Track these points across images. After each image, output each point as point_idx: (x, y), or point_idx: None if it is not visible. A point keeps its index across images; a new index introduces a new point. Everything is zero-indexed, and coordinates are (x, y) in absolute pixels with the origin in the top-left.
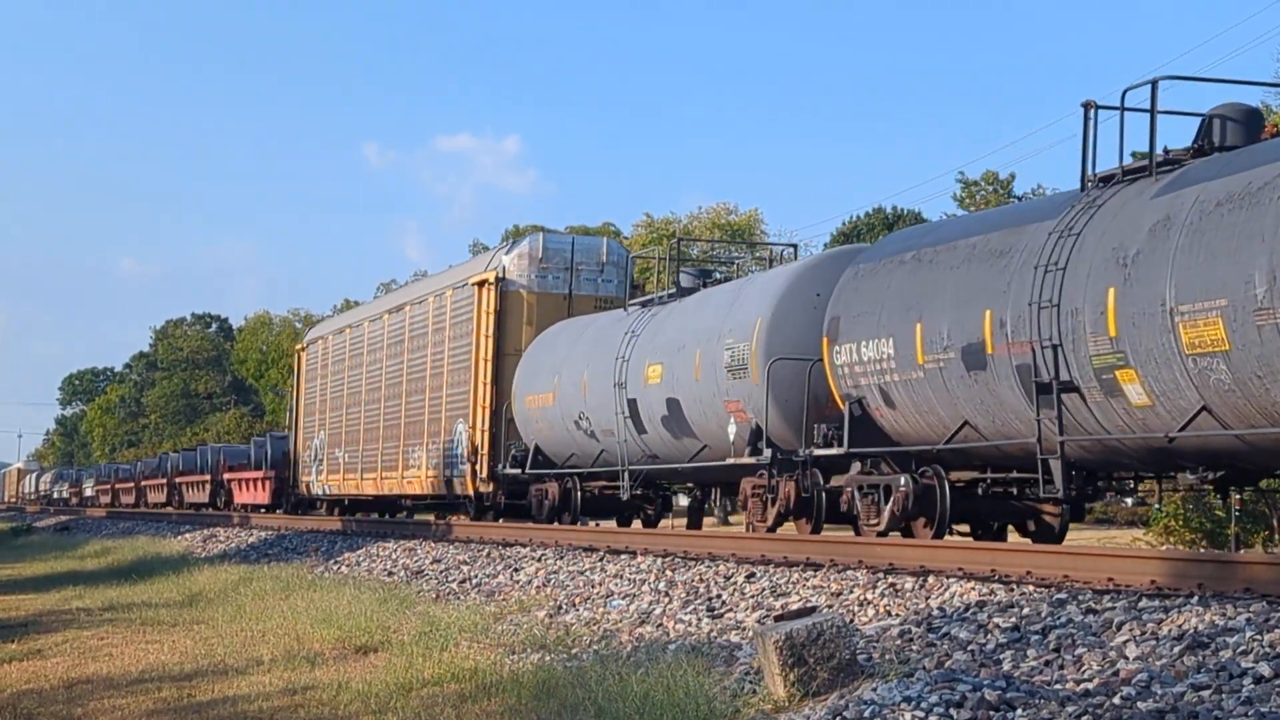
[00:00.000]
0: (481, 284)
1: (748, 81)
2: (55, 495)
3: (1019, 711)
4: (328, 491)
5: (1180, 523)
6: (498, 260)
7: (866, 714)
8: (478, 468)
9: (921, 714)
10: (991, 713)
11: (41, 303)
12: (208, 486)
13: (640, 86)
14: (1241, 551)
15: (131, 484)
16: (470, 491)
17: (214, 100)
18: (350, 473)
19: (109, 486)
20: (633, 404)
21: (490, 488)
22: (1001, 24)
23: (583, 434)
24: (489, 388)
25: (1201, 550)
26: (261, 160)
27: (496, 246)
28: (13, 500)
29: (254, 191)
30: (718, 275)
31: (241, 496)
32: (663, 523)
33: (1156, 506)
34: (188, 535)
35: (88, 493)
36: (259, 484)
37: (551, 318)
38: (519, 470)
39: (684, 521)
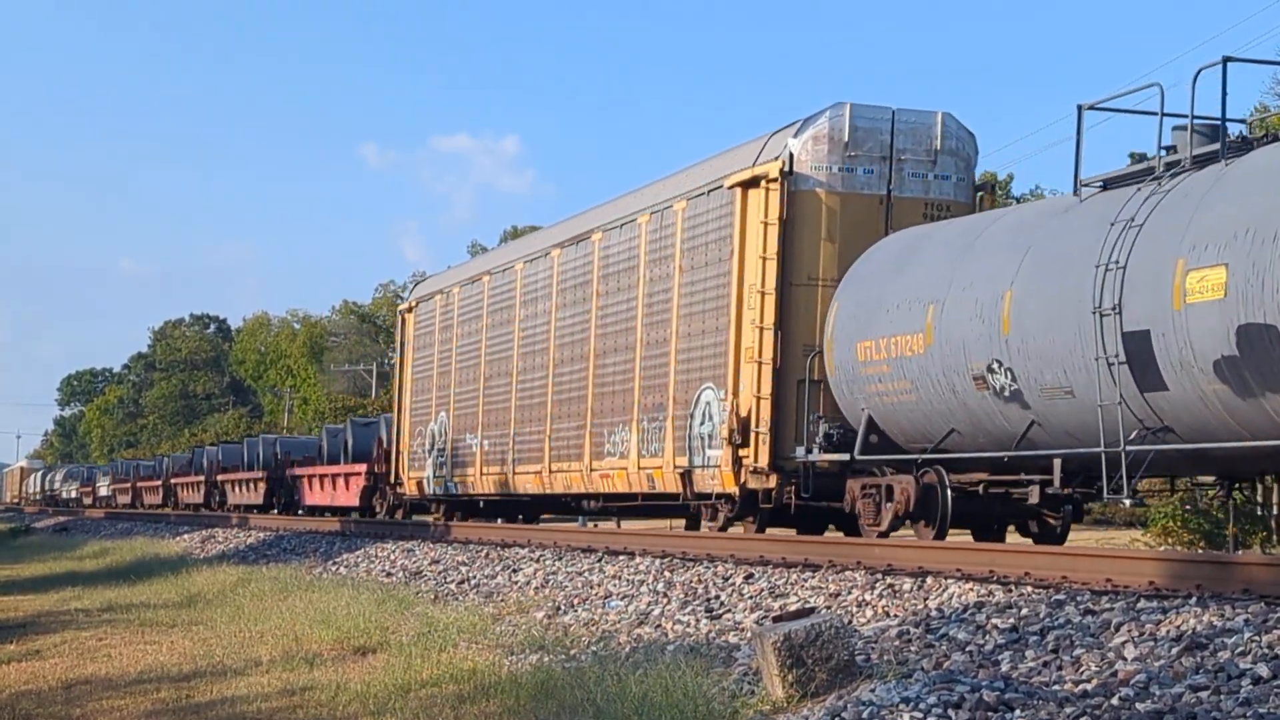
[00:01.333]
0: (750, 184)
1: (747, 81)
2: (65, 495)
3: (1017, 712)
4: (452, 490)
5: (1178, 524)
6: (780, 146)
7: (865, 715)
8: (746, 453)
9: (920, 715)
10: (990, 713)
11: (40, 303)
12: (261, 485)
13: (640, 86)
14: (1240, 552)
15: (158, 481)
16: (729, 487)
17: (212, 100)
18: (494, 465)
19: (129, 485)
20: (1139, 340)
21: (771, 482)
22: (1001, 23)
23: (992, 397)
24: (768, 335)
25: (1199, 551)
26: (260, 161)
27: (779, 129)
28: (15, 500)
29: (253, 192)
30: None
31: (313, 498)
32: (661, 524)
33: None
34: (186, 536)
35: (103, 492)
36: (343, 481)
37: (860, 233)
38: (845, 455)
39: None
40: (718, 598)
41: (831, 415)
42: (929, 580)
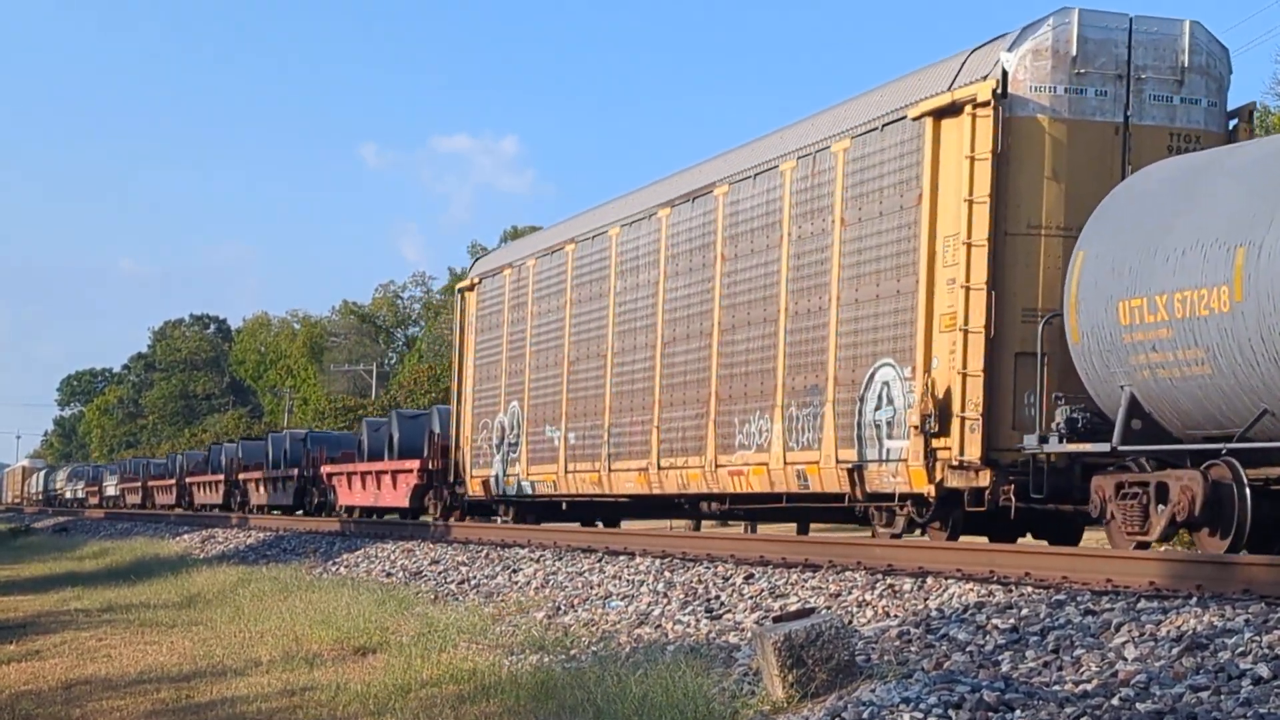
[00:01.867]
0: (946, 112)
1: (746, 81)
2: (69, 496)
3: (1017, 713)
4: (527, 490)
5: None
6: (988, 63)
7: (865, 715)
8: (945, 443)
9: (920, 715)
10: (990, 714)
11: (40, 303)
12: (290, 484)
13: (639, 86)
14: (1240, 553)
15: (170, 481)
16: (920, 486)
17: (212, 101)
18: (582, 462)
19: (139, 484)
20: None
21: (982, 479)
22: (999, 23)
23: None
24: (977, 296)
25: (1200, 551)
26: (260, 161)
27: (984, 43)
28: (16, 501)
29: (252, 192)
30: None
31: (351, 498)
32: (655, 524)
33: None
34: (186, 536)
35: (110, 491)
36: (389, 479)
37: (1091, 170)
38: (1105, 445)
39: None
40: (718, 598)
41: (1074, 395)
42: (929, 580)
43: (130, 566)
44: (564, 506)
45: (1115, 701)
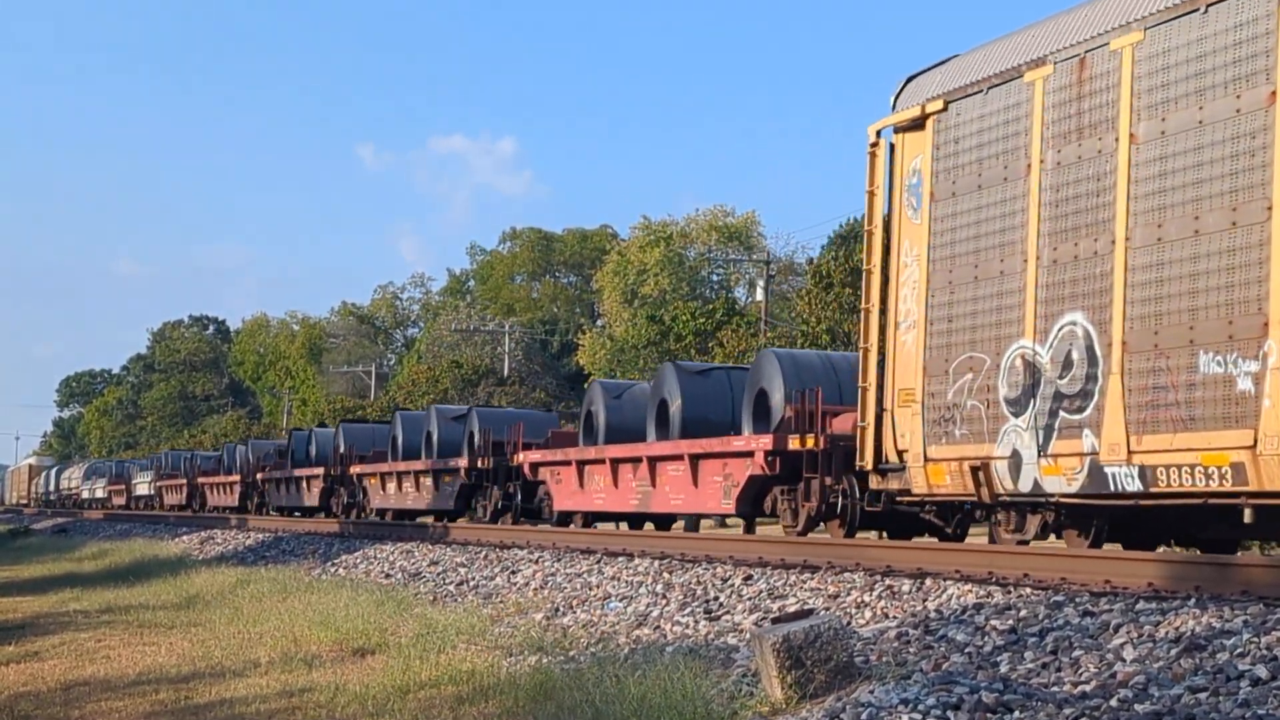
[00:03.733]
0: None
1: (745, 82)
2: (86, 495)
3: (1016, 714)
4: (1056, 489)
5: None
6: None
7: (864, 716)
8: None
9: (919, 716)
10: (989, 715)
11: (38, 304)
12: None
13: (636, 87)
14: (1239, 554)
15: (234, 478)
16: None
17: (208, 102)
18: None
19: (181, 482)
20: None
21: None
22: (1000, 23)
23: None
24: None
25: (1198, 552)
26: (257, 162)
27: None
28: (21, 501)
29: (251, 193)
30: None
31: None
32: (648, 526)
33: None
34: (185, 537)
35: (142, 490)
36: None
37: None
38: None
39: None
40: (716, 599)
41: None
42: (928, 581)
43: (129, 567)
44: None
45: (1114, 703)
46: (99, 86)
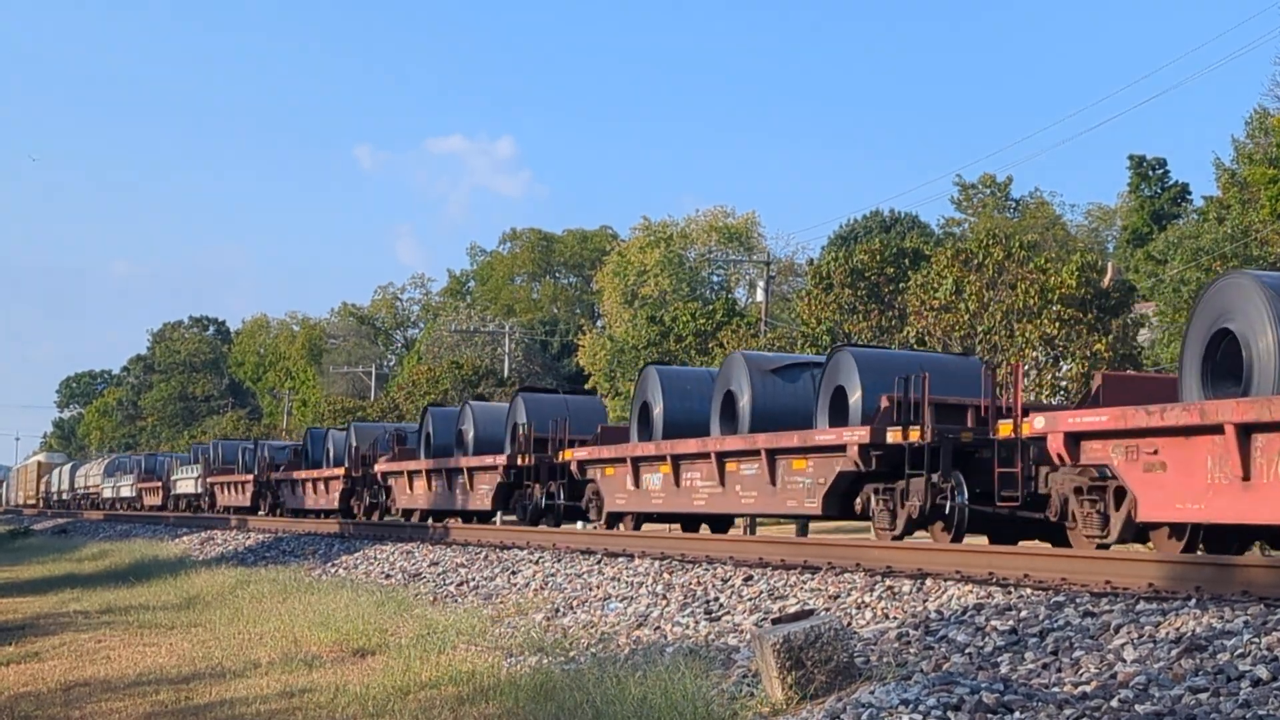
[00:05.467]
0: None
1: (744, 83)
2: (109, 495)
3: (1016, 714)
4: None
5: None
6: None
7: (864, 717)
8: None
9: (919, 717)
10: (989, 715)
11: (38, 305)
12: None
13: (635, 87)
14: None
15: (247, 478)
16: None
17: (207, 103)
18: None
19: (249, 479)
20: None
21: None
22: (999, 27)
23: None
24: None
25: (1199, 553)
26: (255, 163)
27: None
28: (29, 501)
29: (250, 194)
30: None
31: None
32: (646, 527)
33: None
34: (185, 538)
35: (186, 488)
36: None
37: None
38: None
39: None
40: (717, 600)
41: None
42: (928, 582)
43: (129, 568)
44: None
45: (1114, 703)
46: (99, 87)
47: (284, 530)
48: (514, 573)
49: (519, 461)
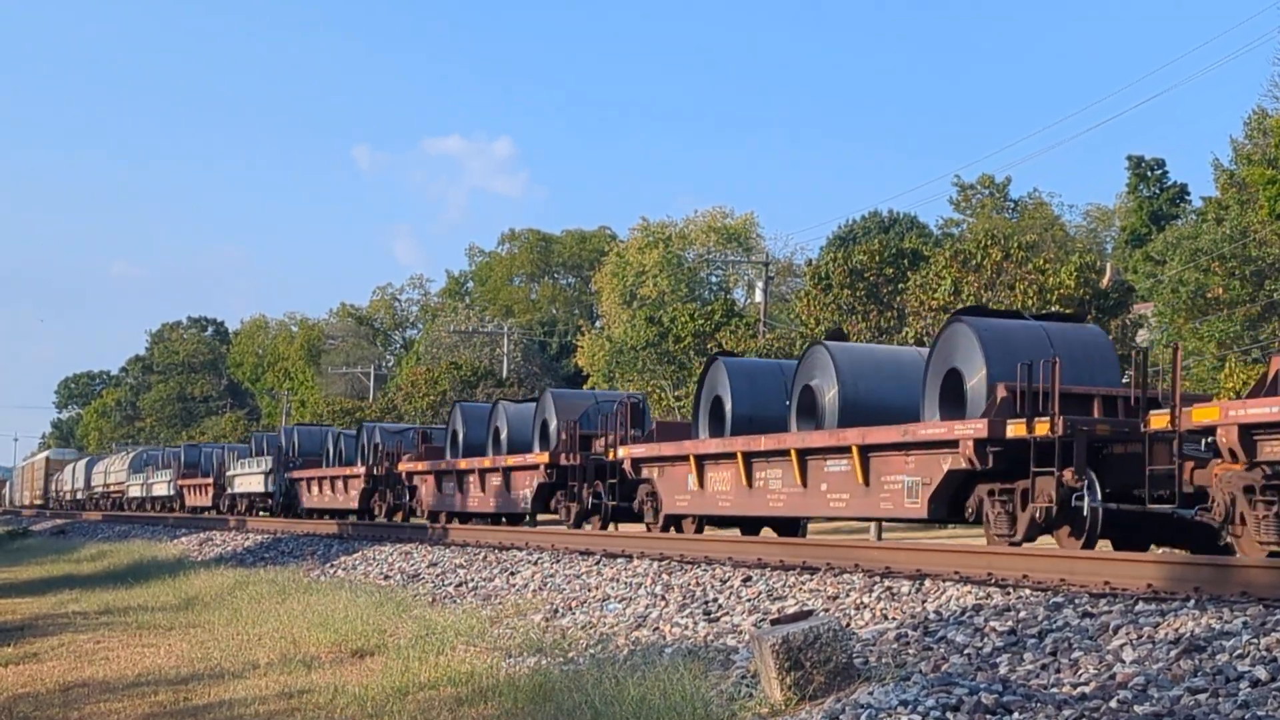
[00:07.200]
0: None
1: (743, 83)
2: (138, 494)
3: (1015, 715)
4: None
5: None
6: None
7: (863, 718)
8: None
9: (918, 718)
10: (988, 716)
11: (36, 306)
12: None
13: (634, 88)
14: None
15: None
16: None
17: (205, 104)
18: None
19: (335, 476)
20: None
21: None
22: (997, 27)
23: None
24: None
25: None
26: (253, 164)
27: None
28: (34, 501)
29: (248, 195)
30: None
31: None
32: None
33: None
34: (184, 538)
35: (246, 486)
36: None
37: None
38: None
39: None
40: (715, 600)
41: None
42: (927, 583)
43: (128, 569)
44: None
45: (1113, 704)
46: (98, 88)
47: (282, 531)
48: (513, 573)
49: (562, 460)
